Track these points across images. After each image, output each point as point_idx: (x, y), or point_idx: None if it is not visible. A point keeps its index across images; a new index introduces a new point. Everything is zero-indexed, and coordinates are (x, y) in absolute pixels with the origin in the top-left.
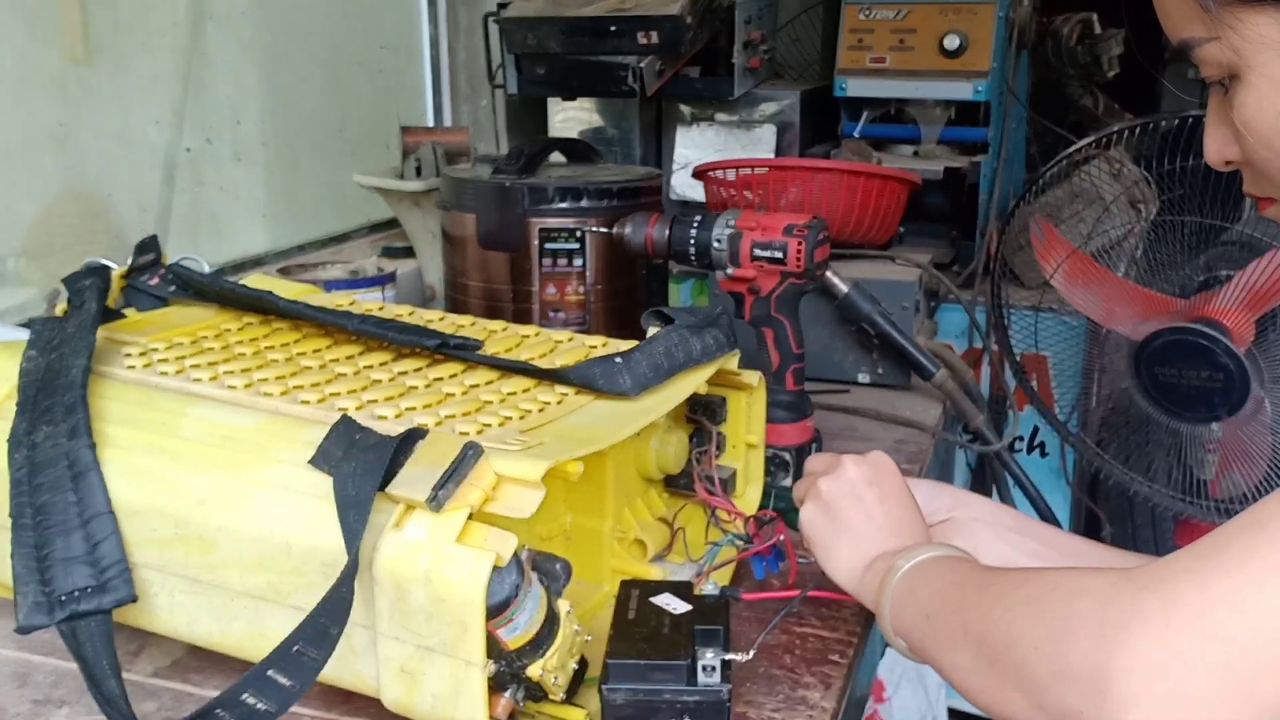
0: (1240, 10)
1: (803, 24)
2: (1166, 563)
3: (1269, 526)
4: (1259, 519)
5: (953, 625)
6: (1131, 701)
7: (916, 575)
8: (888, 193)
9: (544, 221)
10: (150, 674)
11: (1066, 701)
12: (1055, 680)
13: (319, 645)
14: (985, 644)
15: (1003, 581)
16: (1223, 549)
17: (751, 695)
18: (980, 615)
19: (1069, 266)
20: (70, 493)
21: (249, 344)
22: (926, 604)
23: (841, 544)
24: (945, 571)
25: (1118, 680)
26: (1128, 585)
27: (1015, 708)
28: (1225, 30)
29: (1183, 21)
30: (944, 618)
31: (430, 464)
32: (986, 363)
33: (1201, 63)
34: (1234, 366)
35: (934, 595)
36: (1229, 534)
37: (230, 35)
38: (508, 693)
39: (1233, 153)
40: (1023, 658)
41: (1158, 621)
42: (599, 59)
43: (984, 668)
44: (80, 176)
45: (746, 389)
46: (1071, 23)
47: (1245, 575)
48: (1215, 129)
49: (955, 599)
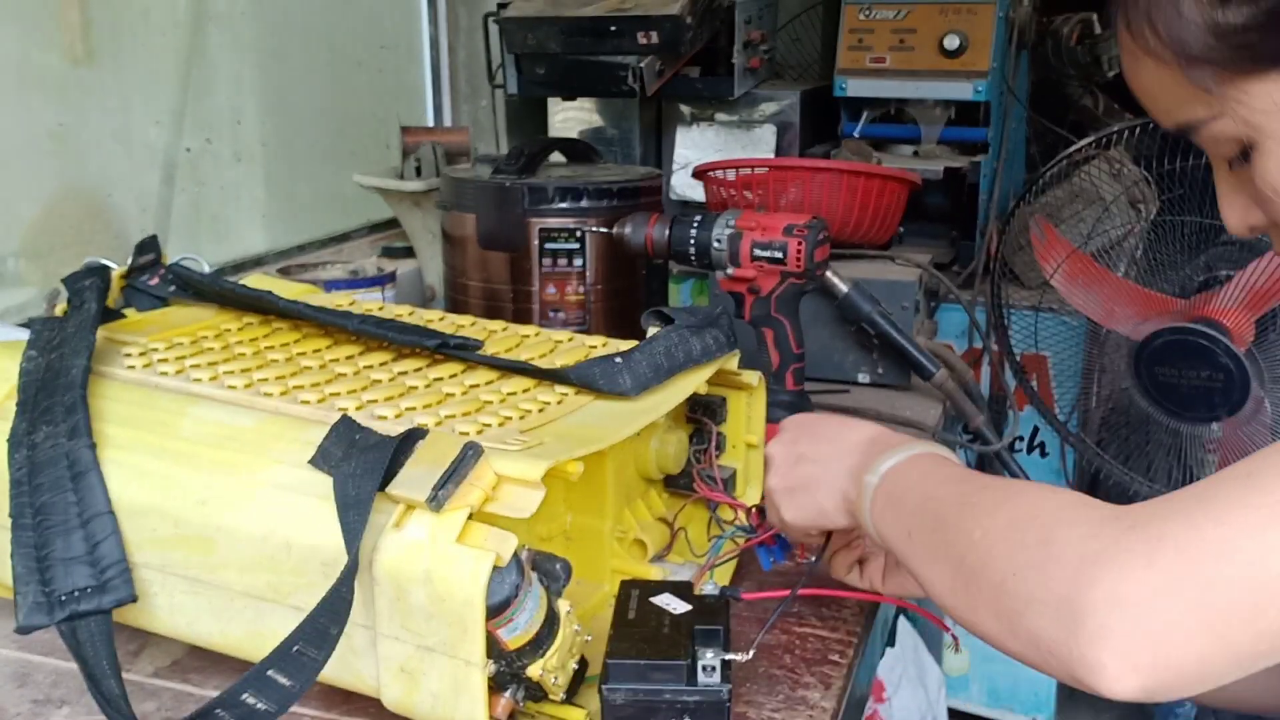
0: (1244, 82)
1: (803, 24)
2: (1157, 503)
3: (1259, 477)
4: (1252, 469)
5: (932, 542)
6: (1104, 633)
7: (890, 488)
8: (888, 193)
9: (544, 221)
10: (150, 674)
11: (1039, 628)
12: (1029, 606)
13: (319, 645)
14: (964, 564)
15: (982, 498)
16: (1214, 496)
17: (751, 695)
18: (959, 534)
19: (1069, 266)
20: (70, 493)
21: (249, 344)
22: (907, 519)
23: (821, 499)
24: (920, 481)
25: (1093, 611)
26: (1115, 522)
27: (989, 628)
28: (1231, 106)
29: (1177, 105)
30: (924, 535)
31: (430, 464)
32: (986, 363)
33: (1209, 141)
34: (1234, 366)
35: (913, 509)
36: (1222, 481)
37: (230, 35)
38: (508, 692)
39: (1256, 219)
40: (999, 581)
41: (1140, 558)
42: (599, 59)
43: (960, 587)
44: (80, 176)
45: (746, 389)
46: (1071, 23)
47: (1234, 523)
48: (1232, 198)
49: (934, 514)
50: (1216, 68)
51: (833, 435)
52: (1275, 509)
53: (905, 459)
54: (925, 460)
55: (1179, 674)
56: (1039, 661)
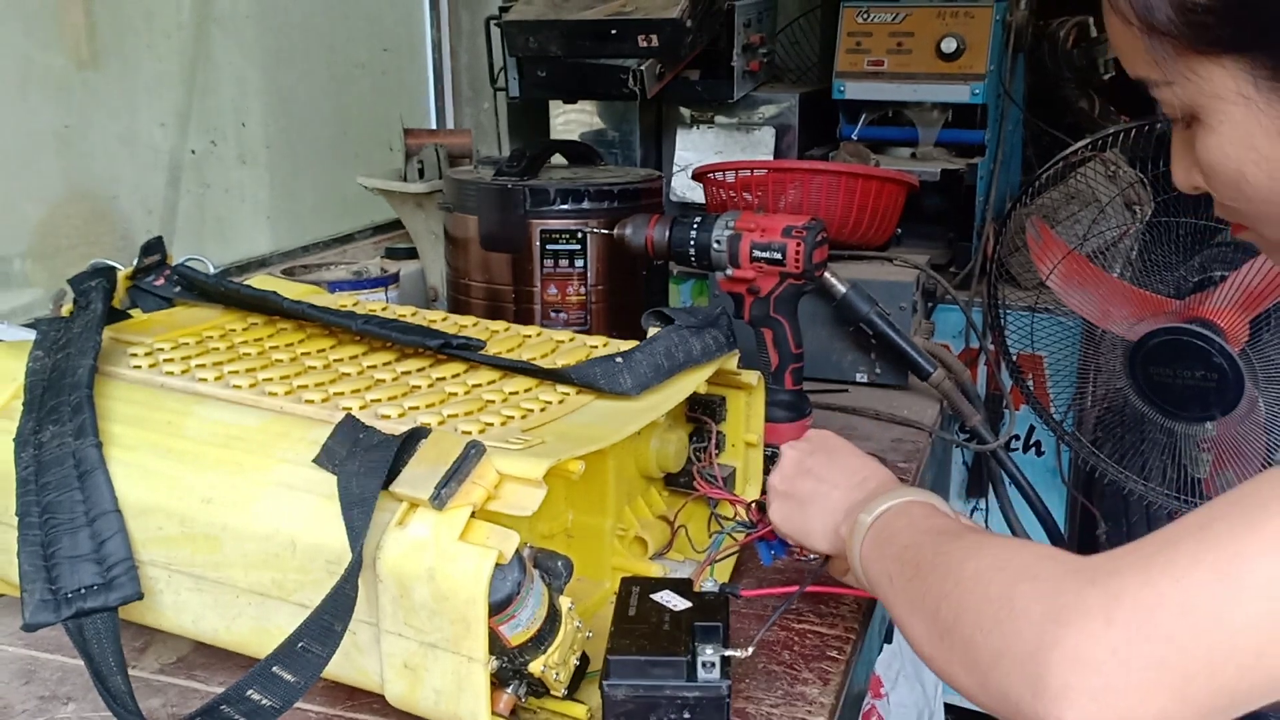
0: (1194, 61)
1: (801, 27)
2: (1116, 556)
3: (1215, 528)
4: (1207, 520)
5: (910, 591)
6: (1065, 693)
7: (880, 531)
8: (885, 194)
9: (545, 223)
10: (156, 670)
11: (1007, 684)
12: (997, 662)
13: (323, 642)
14: (937, 617)
15: (955, 549)
16: (1170, 549)
17: (751, 691)
18: (933, 585)
19: (1065, 267)
20: (76, 491)
21: (254, 344)
22: (889, 565)
23: (810, 518)
24: (907, 528)
25: (1055, 671)
26: (1075, 578)
27: (962, 683)
28: (1180, 79)
29: (1137, 62)
30: (902, 582)
31: (433, 463)
32: (983, 363)
33: (1161, 102)
34: (1228, 366)
35: (895, 556)
36: (1178, 533)
37: (234, 38)
38: (510, 688)
39: (1199, 180)
40: (969, 636)
41: (1099, 616)
42: (600, 62)
43: (935, 639)
44: (86, 178)
45: (746, 388)
46: (1068, 26)
47: (1189, 577)
48: (1180, 158)
49: (913, 562)
50: (1174, 41)
51: (846, 465)
52: (1228, 563)
53: (900, 504)
54: (916, 507)
55: None
56: (1008, 717)
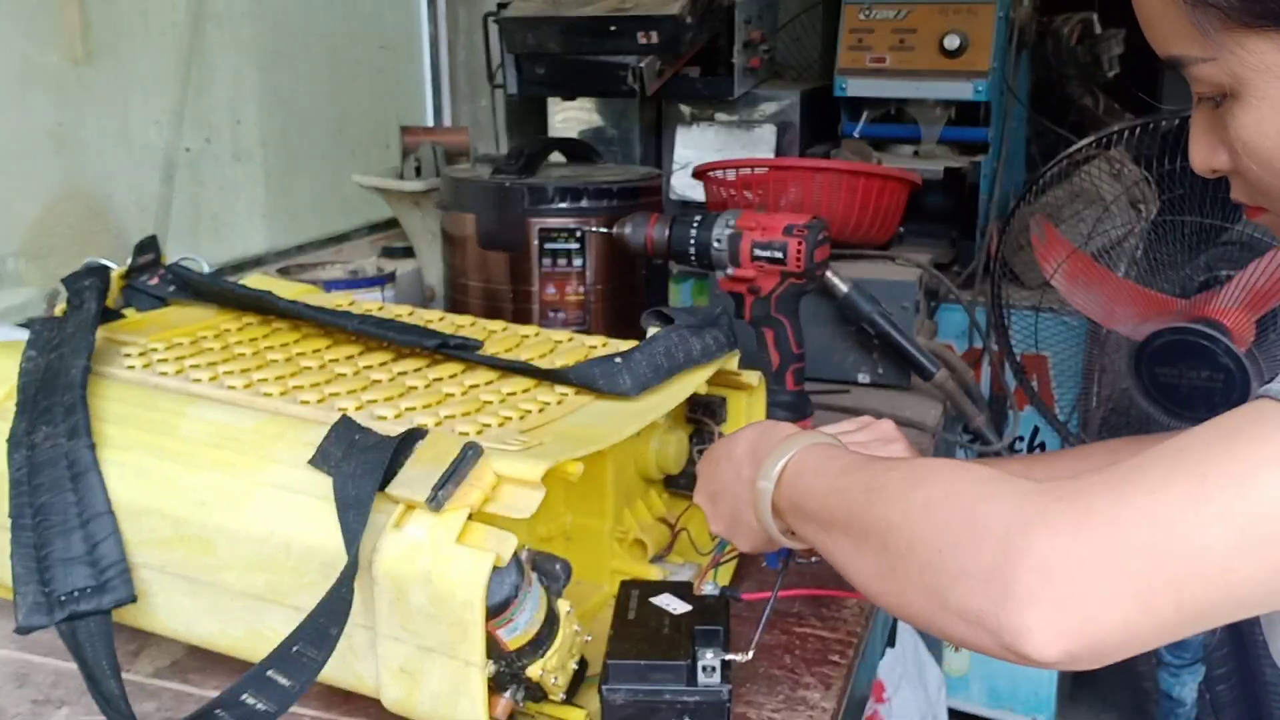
0: (1242, 34)
1: (803, 24)
2: (1083, 477)
3: (1190, 451)
4: (1182, 445)
5: (850, 533)
6: (1031, 600)
7: (789, 489)
8: (888, 193)
9: (544, 221)
10: (150, 674)
11: (969, 601)
12: (958, 581)
13: (318, 645)
14: (886, 549)
15: (892, 482)
16: (1144, 468)
17: (751, 695)
18: (876, 520)
19: (1069, 266)
20: (70, 493)
21: (249, 344)
22: (818, 517)
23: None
24: (817, 475)
25: (1021, 579)
26: (1040, 495)
27: (919, 608)
28: (1224, 53)
29: (1173, 38)
30: (839, 528)
31: (430, 464)
32: (987, 363)
33: (1194, 80)
34: (1234, 367)
35: (820, 506)
36: (1152, 456)
37: (230, 35)
38: (508, 693)
39: (1220, 162)
40: (926, 560)
41: (1068, 527)
42: (599, 59)
43: (886, 572)
44: (80, 176)
45: (746, 389)
46: (1072, 23)
47: (1162, 493)
48: (1202, 138)
49: (843, 506)
50: (1222, 13)
51: (725, 456)
52: (1202, 483)
53: (795, 455)
54: (815, 452)
55: (1104, 640)
56: (968, 635)
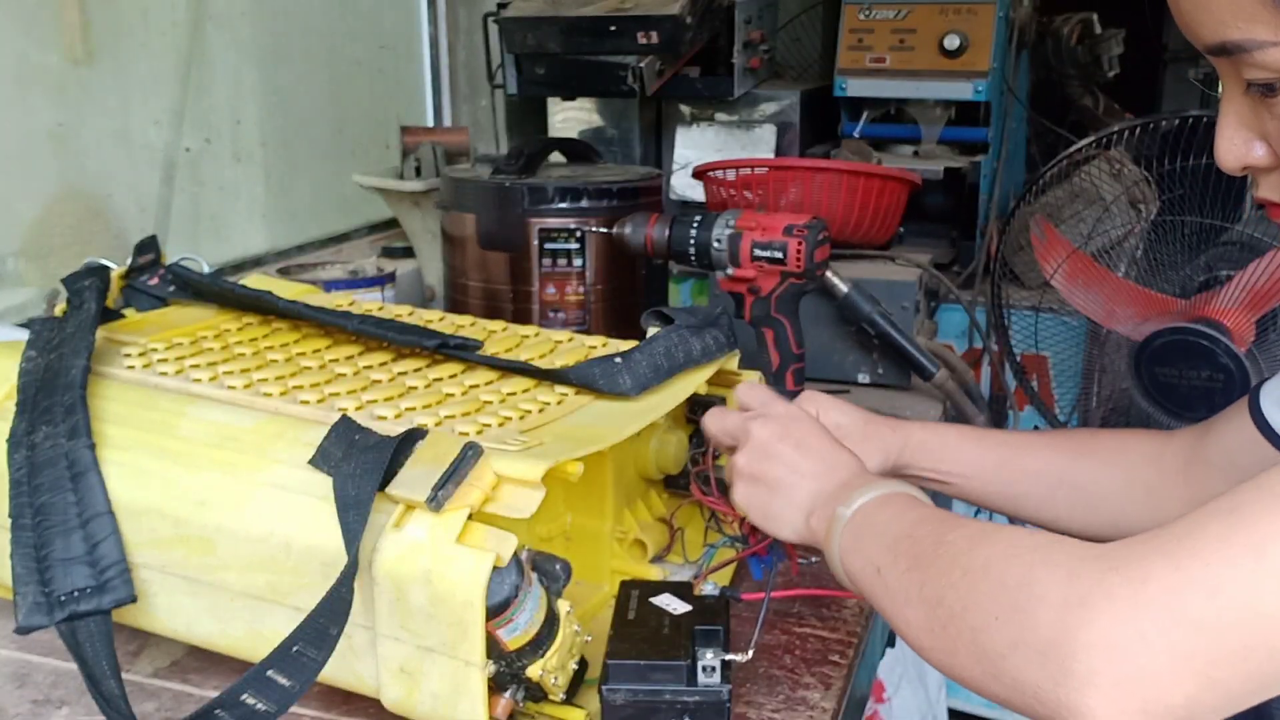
0: None
1: (803, 24)
2: (1138, 542)
3: (1244, 512)
4: (1235, 504)
5: (906, 583)
6: (1092, 679)
7: (862, 522)
8: (888, 193)
9: (544, 221)
10: (150, 674)
11: (1024, 673)
12: (1013, 651)
13: (318, 645)
14: (941, 606)
15: (957, 538)
16: (1197, 533)
17: (751, 695)
18: (936, 576)
19: (1069, 267)
20: (70, 493)
21: (248, 344)
22: (876, 557)
23: (778, 505)
24: (893, 519)
25: (1080, 657)
26: (1096, 563)
27: (970, 673)
28: None
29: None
30: (896, 574)
31: (430, 464)
32: (987, 363)
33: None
34: (1234, 367)
35: (885, 548)
36: (1204, 518)
37: (230, 35)
38: (508, 693)
39: (1256, 158)
40: (980, 625)
41: (1126, 601)
42: (599, 59)
43: (937, 629)
44: (80, 176)
45: None
46: (1071, 23)
47: (1219, 560)
48: (1237, 132)
49: (907, 554)
50: None
51: (818, 453)
52: (1260, 546)
53: (880, 495)
54: (899, 499)
55: (1167, 717)
56: (1023, 706)
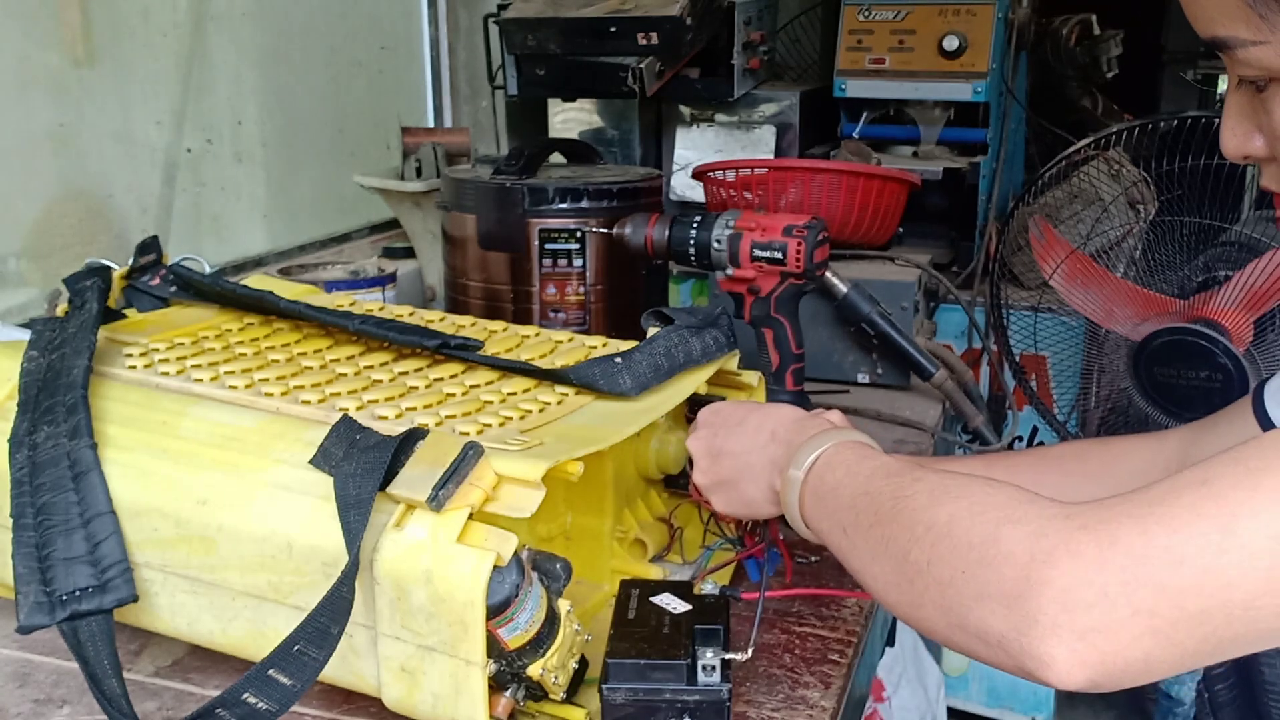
0: None
1: (802, 25)
2: (1107, 504)
3: (1216, 485)
4: (1208, 476)
5: (871, 539)
6: (1054, 631)
7: (817, 481)
8: (887, 193)
9: (544, 222)
10: (151, 673)
11: (988, 624)
12: (978, 603)
13: (320, 645)
14: (907, 560)
15: (920, 493)
16: (1170, 500)
17: (751, 695)
18: (900, 531)
19: (1068, 267)
20: (71, 493)
21: (250, 344)
22: (840, 515)
23: (745, 493)
24: (847, 477)
25: (1045, 608)
26: (1065, 521)
27: (935, 624)
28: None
29: (1222, 18)
30: (860, 531)
31: (431, 464)
32: (986, 363)
33: (1238, 63)
34: (1233, 367)
35: (846, 505)
36: (1178, 486)
37: (231, 36)
38: (508, 692)
39: (1255, 148)
40: (946, 578)
41: (1091, 559)
42: (599, 60)
43: (904, 583)
44: (81, 177)
45: (746, 389)
46: (1070, 24)
47: (1187, 530)
48: (1238, 123)
49: (869, 510)
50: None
51: (750, 426)
52: (1227, 518)
53: (829, 450)
54: (849, 451)
55: (1125, 670)
56: (986, 655)
